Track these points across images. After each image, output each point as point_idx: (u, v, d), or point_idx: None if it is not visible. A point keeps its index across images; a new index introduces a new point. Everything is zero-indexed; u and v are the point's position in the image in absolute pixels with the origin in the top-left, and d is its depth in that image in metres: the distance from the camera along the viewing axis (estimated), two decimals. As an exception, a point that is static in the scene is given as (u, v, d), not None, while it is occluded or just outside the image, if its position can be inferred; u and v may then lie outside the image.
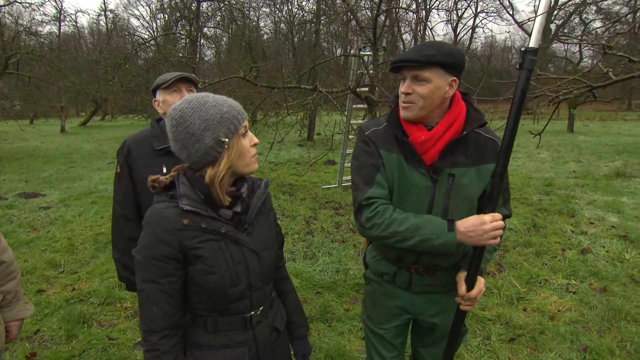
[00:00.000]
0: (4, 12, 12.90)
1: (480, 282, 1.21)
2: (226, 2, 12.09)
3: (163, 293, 0.96)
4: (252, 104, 6.04)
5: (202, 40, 15.38)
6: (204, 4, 12.19)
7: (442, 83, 1.17)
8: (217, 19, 14.41)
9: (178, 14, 14.09)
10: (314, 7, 12.32)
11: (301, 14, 14.14)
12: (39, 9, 18.91)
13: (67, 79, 12.27)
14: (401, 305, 1.41)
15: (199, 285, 1.00)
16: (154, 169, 1.55)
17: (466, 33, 24.79)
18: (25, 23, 14.31)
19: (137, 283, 0.98)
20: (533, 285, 3.20)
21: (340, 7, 7.02)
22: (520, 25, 25.24)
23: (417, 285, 1.36)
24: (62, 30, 22.36)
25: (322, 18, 11.51)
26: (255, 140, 1.04)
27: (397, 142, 1.25)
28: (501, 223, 1.12)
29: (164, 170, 1.57)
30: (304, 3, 13.22)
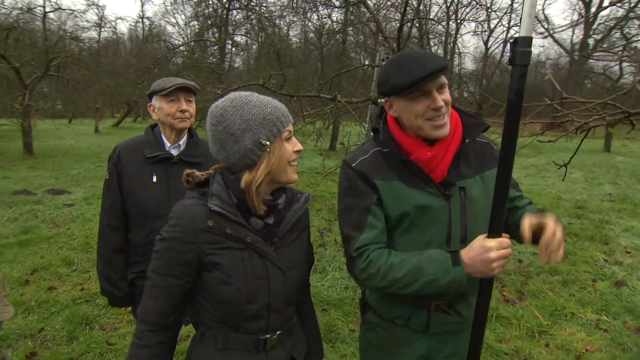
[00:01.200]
0: (50, 18, 13.71)
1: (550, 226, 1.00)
2: (255, 11, 12.34)
3: (164, 290, 0.93)
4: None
5: (231, 48, 15.75)
6: (234, 12, 12.51)
7: None
8: (247, 27, 14.76)
9: (210, 22, 14.50)
10: (342, 17, 12.37)
11: (329, 23, 14.24)
12: (82, 16, 19.98)
13: (102, 81, 12.84)
14: (416, 351, 1.22)
15: (212, 294, 0.94)
16: (144, 178, 1.50)
17: (498, 46, 24.10)
18: (68, 28, 15.16)
19: (149, 269, 0.95)
20: (558, 318, 2.94)
21: (367, 16, 6.97)
22: (556, 39, 24.39)
23: (436, 325, 1.18)
24: (102, 36, 23.59)
25: (349, 28, 11.50)
26: (299, 146, 0.97)
27: (391, 167, 1.12)
28: (508, 251, 0.97)
29: (154, 179, 1.51)
30: (333, 14, 13.30)
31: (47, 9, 13.07)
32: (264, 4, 13.20)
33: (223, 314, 0.96)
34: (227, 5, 11.04)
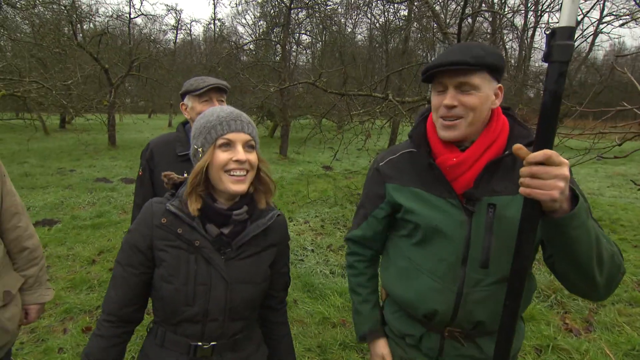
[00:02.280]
0: (134, 23, 15.21)
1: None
2: (316, 9, 12.45)
3: (124, 280, 0.99)
4: (335, 107, 6.05)
5: (294, 47, 16.09)
6: (295, 11, 12.73)
7: (490, 91, 0.96)
8: (310, 27, 14.96)
9: (275, 21, 14.95)
10: (406, 12, 11.96)
11: (392, 19, 13.86)
12: (161, 21, 22.00)
13: (175, 80, 13.95)
14: None
15: (156, 290, 0.99)
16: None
17: (585, 40, 21.19)
18: (148, 32, 16.69)
19: (114, 262, 1.04)
20: None
21: (426, 9, 6.62)
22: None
23: (451, 355, 1.06)
24: (179, 38, 25.62)
25: (414, 24, 11.08)
26: (239, 156, 0.95)
27: (416, 170, 1.06)
28: None
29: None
30: (397, 11, 12.92)
31: (132, 15, 14.51)
32: (328, 2, 13.27)
33: (163, 310, 0.98)
34: (289, 5, 11.28)
